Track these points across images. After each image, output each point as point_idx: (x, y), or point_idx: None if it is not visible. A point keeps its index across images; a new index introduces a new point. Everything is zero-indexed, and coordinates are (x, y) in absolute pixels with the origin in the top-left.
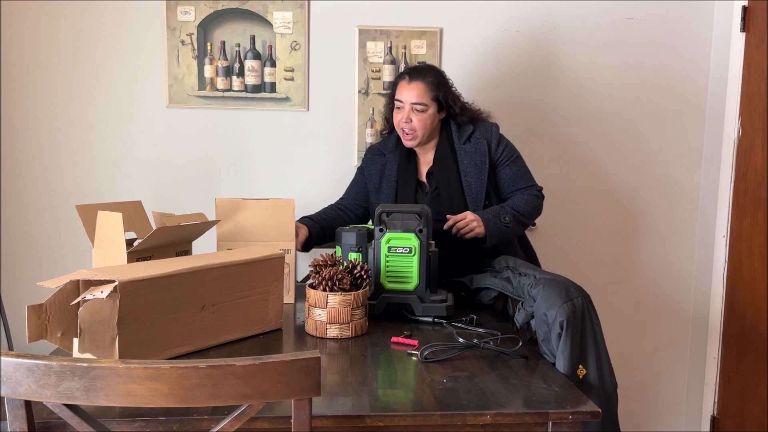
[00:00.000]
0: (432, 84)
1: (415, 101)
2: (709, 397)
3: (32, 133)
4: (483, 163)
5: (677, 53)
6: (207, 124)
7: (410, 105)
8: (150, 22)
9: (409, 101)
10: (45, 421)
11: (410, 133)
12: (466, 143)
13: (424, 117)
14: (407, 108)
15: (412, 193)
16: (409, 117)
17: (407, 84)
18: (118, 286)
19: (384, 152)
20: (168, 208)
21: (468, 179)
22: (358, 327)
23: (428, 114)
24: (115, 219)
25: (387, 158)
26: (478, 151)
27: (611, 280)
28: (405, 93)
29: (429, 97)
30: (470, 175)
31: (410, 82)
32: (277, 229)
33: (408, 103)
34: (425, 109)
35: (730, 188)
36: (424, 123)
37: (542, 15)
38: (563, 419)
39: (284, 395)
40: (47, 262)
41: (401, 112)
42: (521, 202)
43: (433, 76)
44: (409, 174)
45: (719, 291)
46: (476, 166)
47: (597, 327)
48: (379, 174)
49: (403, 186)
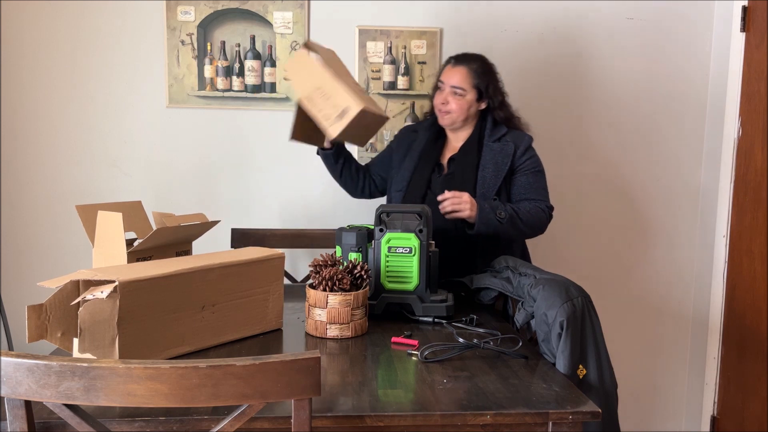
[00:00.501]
0: (475, 71)
1: (455, 84)
2: (709, 397)
3: (32, 133)
4: (504, 164)
5: (677, 53)
6: (207, 124)
7: (450, 87)
8: (150, 22)
9: (449, 83)
10: (45, 421)
11: (445, 112)
12: (495, 142)
13: (461, 101)
14: (447, 90)
15: (428, 172)
16: (446, 99)
17: (452, 67)
18: (118, 286)
19: (417, 130)
20: (168, 208)
21: (484, 174)
22: (358, 327)
23: (465, 99)
24: (115, 219)
25: (418, 135)
26: (503, 152)
27: (611, 280)
28: (448, 75)
29: (469, 83)
30: (487, 171)
31: (454, 66)
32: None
33: (448, 85)
34: (464, 94)
35: (730, 188)
36: (460, 107)
37: (542, 15)
38: (563, 419)
39: (284, 395)
40: (47, 262)
41: (441, 93)
42: (524, 209)
43: (479, 64)
44: (432, 154)
45: (719, 291)
46: (496, 165)
47: (597, 327)
48: (407, 148)
49: (423, 163)
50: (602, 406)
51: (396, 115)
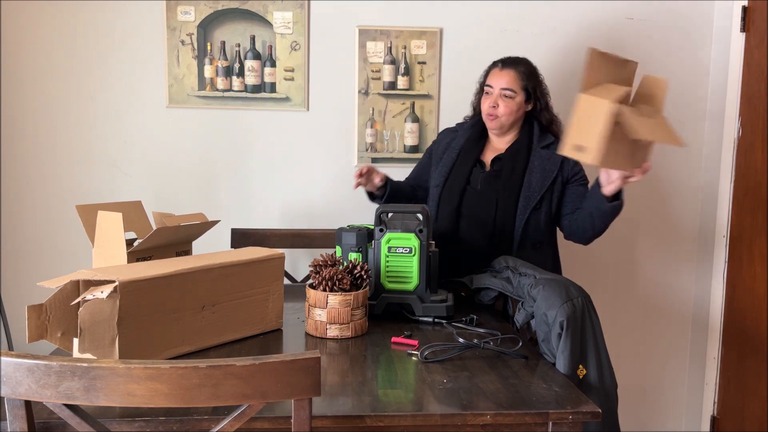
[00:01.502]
0: (523, 73)
1: (505, 86)
2: (709, 397)
3: (32, 133)
4: (551, 171)
5: (677, 53)
6: (207, 124)
7: (499, 90)
8: (150, 22)
9: (498, 86)
10: (45, 421)
11: (494, 115)
12: (544, 149)
13: (511, 104)
14: (496, 93)
15: (469, 167)
16: (496, 102)
17: (499, 71)
18: (118, 286)
19: (457, 129)
20: (168, 208)
21: (530, 178)
22: (358, 327)
23: (515, 101)
24: (115, 219)
25: (458, 134)
26: (551, 159)
27: (611, 280)
28: (496, 79)
29: (518, 85)
30: (534, 177)
31: (502, 69)
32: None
33: (498, 88)
34: (513, 96)
35: (730, 188)
36: (510, 109)
37: (542, 15)
38: (563, 419)
39: (284, 395)
40: (47, 262)
41: (489, 97)
42: None
43: (525, 66)
44: (473, 150)
45: (719, 291)
46: (544, 171)
47: (597, 327)
48: (445, 147)
49: (463, 158)
50: (602, 406)
51: (396, 115)
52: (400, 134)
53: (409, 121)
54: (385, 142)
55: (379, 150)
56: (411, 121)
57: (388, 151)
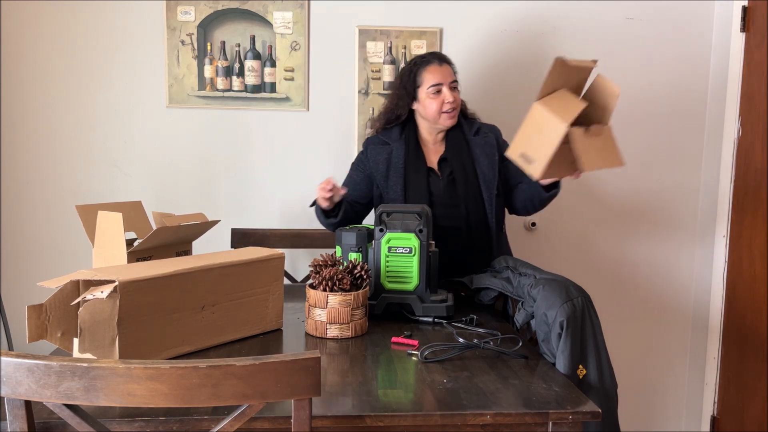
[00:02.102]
0: (453, 65)
1: (453, 79)
2: (709, 397)
3: (32, 133)
4: (493, 154)
5: (677, 53)
6: (207, 124)
7: (448, 84)
8: (150, 22)
9: (447, 81)
10: (45, 421)
11: (453, 110)
12: (476, 135)
13: (458, 95)
14: (446, 89)
15: (424, 179)
16: (452, 95)
17: (439, 66)
18: (118, 286)
19: (388, 142)
20: (168, 208)
21: (482, 167)
22: (358, 327)
23: (458, 92)
24: (115, 219)
25: (392, 147)
26: (488, 143)
27: (611, 280)
28: (441, 75)
29: (456, 76)
30: (483, 164)
31: (442, 65)
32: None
33: (447, 83)
34: (457, 87)
35: (730, 188)
36: (459, 100)
37: (542, 15)
38: (563, 419)
39: (284, 395)
40: (47, 262)
41: (440, 95)
42: None
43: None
44: (418, 161)
45: (719, 291)
46: (488, 156)
47: (597, 327)
48: (386, 163)
49: (413, 172)
50: (602, 406)
51: None
52: None
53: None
54: None
55: None
56: None
57: None
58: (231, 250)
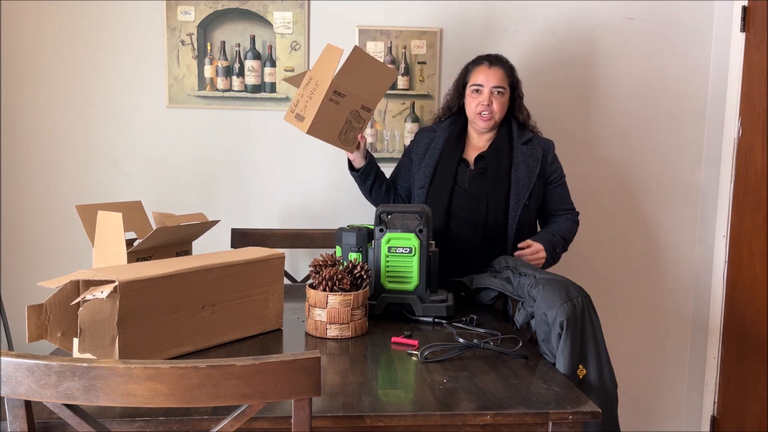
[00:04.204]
0: (509, 69)
1: (497, 84)
2: (709, 397)
3: (32, 133)
4: (535, 167)
5: (677, 53)
6: (207, 124)
7: (491, 88)
8: (150, 22)
9: (490, 85)
10: (45, 421)
11: (488, 114)
12: (524, 145)
13: (503, 100)
14: (487, 91)
15: (453, 167)
16: (489, 99)
17: (488, 68)
18: (118, 286)
19: (435, 129)
20: (168, 208)
21: (518, 175)
22: (358, 327)
23: (506, 98)
24: (115, 219)
25: (436, 134)
26: (533, 155)
27: (611, 281)
28: (485, 77)
29: (506, 82)
30: (521, 173)
31: (491, 67)
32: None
33: (489, 86)
34: (504, 93)
35: (730, 188)
36: (503, 106)
37: (542, 15)
38: (563, 419)
39: (284, 395)
40: (47, 262)
41: (479, 96)
42: (567, 231)
43: (509, 63)
44: (455, 150)
45: (719, 291)
46: (528, 167)
47: (597, 327)
48: (426, 147)
49: (446, 158)
50: (602, 406)
51: (396, 115)
52: (400, 134)
53: (409, 121)
54: (385, 142)
55: (379, 150)
56: (411, 121)
57: (388, 151)
58: (231, 250)
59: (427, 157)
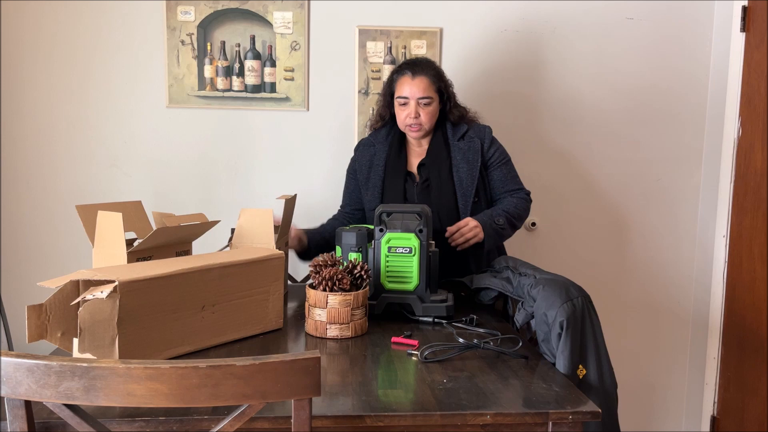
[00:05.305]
0: (434, 76)
1: (422, 95)
2: (709, 397)
3: (32, 133)
4: (476, 161)
5: (677, 53)
6: (207, 124)
7: (417, 100)
8: (150, 22)
9: (415, 96)
10: (45, 421)
11: (417, 126)
12: (460, 140)
13: (430, 110)
14: (413, 103)
15: (400, 183)
16: (416, 112)
17: (411, 79)
18: (118, 286)
19: (374, 143)
20: (168, 208)
21: (460, 175)
22: (358, 327)
23: (433, 107)
24: (115, 219)
25: (376, 149)
26: (471, 149)
27: (611, 281)
28: (410, 88)
29: (433, 90)
30: (462, 171)
31: (414, 77)
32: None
33: (414, 98)
34: (431, 102)
35: (730, 188)
36: (431, 116)
37: (542, 15)
38: (563, 419)
39: (284, 395)
40: (47, 262)
41: (406, 108)
42: (511, 205)
43: (433, 69)
44: (398, 164)
45: (719, 291)
46: (468, 163)
47: (597, 327)
48: (368, 164)
49: (391, 176)
50: (602, 406)
51: None
52: None
53: None
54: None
55: None
56: None
57: None
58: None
59: (372, 176)
